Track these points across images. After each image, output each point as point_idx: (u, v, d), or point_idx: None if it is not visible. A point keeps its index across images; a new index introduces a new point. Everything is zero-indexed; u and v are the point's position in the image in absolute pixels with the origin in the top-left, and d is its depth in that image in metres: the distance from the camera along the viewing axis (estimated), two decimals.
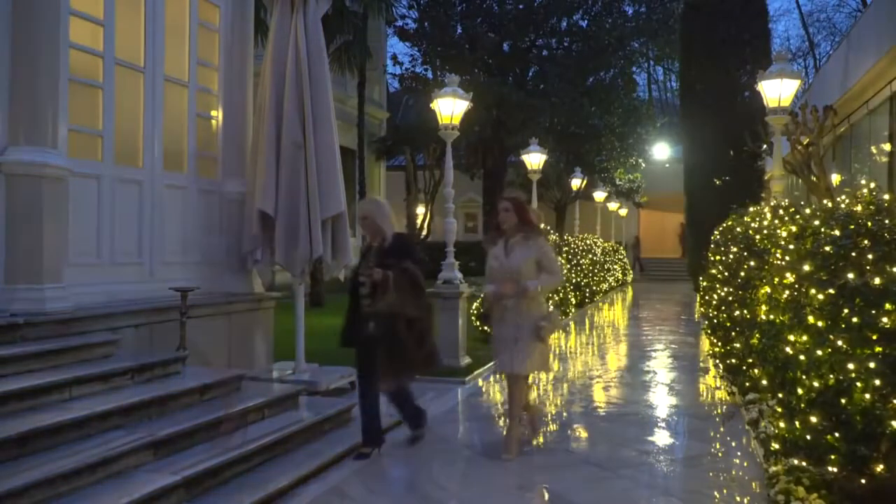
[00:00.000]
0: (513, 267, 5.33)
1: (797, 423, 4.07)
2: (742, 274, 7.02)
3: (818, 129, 12.12)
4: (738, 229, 7.65)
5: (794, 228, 4.89)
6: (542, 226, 10.49)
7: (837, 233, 4.19)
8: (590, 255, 18.79)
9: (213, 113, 7.44)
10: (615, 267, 24.15)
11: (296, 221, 6.80)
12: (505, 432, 5.58)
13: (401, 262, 5.25)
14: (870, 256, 4.02)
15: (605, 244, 23.10)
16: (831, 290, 4.01)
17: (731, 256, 7.74)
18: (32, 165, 5.18)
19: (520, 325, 5.32)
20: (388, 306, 5.14)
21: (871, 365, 3.79)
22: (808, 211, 5.30)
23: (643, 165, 29.26)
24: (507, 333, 5.37)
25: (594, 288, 19.13)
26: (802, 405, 4.05)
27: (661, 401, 7.68)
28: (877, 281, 3.90)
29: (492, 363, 9.25)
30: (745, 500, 4.63)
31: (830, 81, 17.20)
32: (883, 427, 3.80)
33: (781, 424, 4.28)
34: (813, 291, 4.11)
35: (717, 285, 8.56)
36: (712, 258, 9.51)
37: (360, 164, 18.74)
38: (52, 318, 5.15)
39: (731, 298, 7.46)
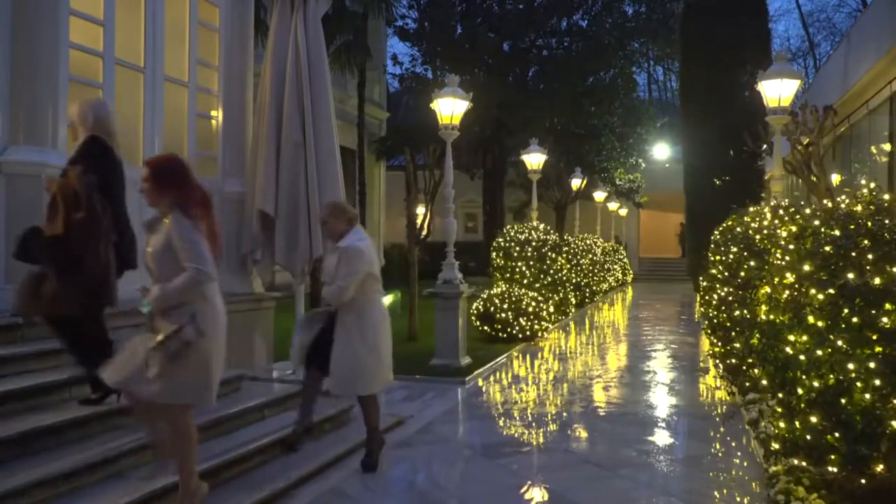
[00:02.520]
0: (146, 261, 3.76)
1: (797, 423, 4.07)
2: (742, 274, 7.02)
3: (818, 129, 12.11)
4: (738, 229, 7.64)
5: (794, 228, 4.89)
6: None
7: (837, 233, 4.19)
8: (590, 255, 18.79)
9: (213, 113, 7.44)
10: (615, 267, 24.16)
11: (296, 221, 6.81)
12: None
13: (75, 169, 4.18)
14: (870, 256, 4.02)
15: (606, 244, 23.10)
16: (831, 290, 4.00)
17: (731, 256, 7.72)
18: (32, 165, 5.19)
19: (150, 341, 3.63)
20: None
21: (871, 365, 3.79)
22: (808, 211, 5.30)
23: (643, 165, 29.21)
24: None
25: (594, 288, 19.14)
26: (802, 405, 4.05)
27: (661, 401, 7.69)
28: (877, 281, 3.90)
29: (492, 363, 9.33)
30: (745, 500, 4.63)
31: (830, 81, 17.20)
32: (883, 427, 3.80)
33: (781, 424, 4.27)
34: (813, 291, 4.11)
35: (717, 285, 8.54)
36: (712, 258, 9.50)
37: (360, 164, 18.71)
38: None
39: (731, 298, 7.45)
